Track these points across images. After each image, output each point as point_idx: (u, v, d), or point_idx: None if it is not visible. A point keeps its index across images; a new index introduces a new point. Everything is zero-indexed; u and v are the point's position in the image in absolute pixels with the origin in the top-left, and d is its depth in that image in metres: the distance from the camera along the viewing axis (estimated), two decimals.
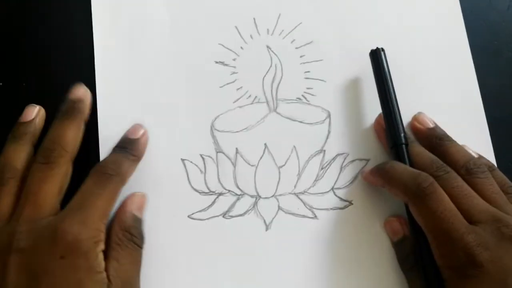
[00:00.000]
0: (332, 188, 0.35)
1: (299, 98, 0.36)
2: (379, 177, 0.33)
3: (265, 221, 0.34)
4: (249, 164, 0.35)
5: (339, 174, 0.35)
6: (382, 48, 0.35)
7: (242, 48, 0.37)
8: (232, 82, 0.36)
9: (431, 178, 0.30)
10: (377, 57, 0.35)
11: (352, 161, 0.35)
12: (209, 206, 0.34)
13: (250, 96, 0.36)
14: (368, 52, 0.36)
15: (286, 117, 0.36)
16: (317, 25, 0.38)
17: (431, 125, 0.35)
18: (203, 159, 0.35)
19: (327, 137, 0.36)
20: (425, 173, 0.30)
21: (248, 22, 0.38)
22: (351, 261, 0.33)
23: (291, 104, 0.36)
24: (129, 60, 0.37)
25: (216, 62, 0.37)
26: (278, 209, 0.34)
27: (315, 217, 0.34)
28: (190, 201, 0.34)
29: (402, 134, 0.33)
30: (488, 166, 0.32)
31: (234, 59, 0.37)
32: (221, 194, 0.34)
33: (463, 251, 0.27)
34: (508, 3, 0.40)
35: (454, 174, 0.31)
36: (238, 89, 0.36)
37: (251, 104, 0.36)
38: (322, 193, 0.35)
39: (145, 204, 0.33)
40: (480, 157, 0.34)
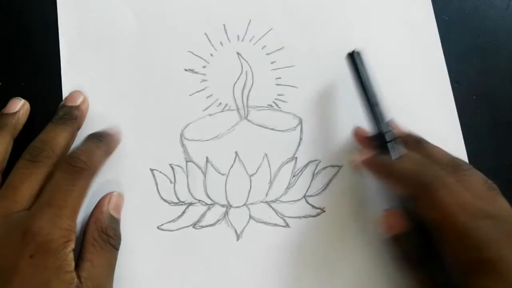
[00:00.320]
0: (304, 196, 0.34)
1: (270, 105, 0.36)
2: (377, 170, 0.32)
3: (236, 231, 0.33)
4: (220, 173, 0.34)
5: (311, 182, 0.35)
6: (358, 52, 0.35)
7: (212, 55, 0.37)
8: (202, 90, 0.36)
9: (442, 171, 0.29)
10: (355, 59, 0.34)
11: (324, 168, 0.35)
12: (179, 217, 0.33)
13: (221, 104, 0.36)
14: (340, 57, 0.35)
15: (257, 125, 0.36)
16: (288, 31, 0.37)
17: (406, 130, 0.34)
18: (173, 169, 0.34)
19: (299, 144, 0.35)
20: (435, 166, 0.30)
21: (218, 29, 0.37)
22: (324, 269, 0.33)
23: (262, 111, 0.36)
24: (96, 68, 0.36)
25: (186, 70, 0.36)
26: (250, 218, 0.34)
27: (287, 226, 0.34)
28: (159, 212, 0.33)
29: (390, 131, 0.32)
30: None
31: (204, 67, 0.36)
32: (191, 204, 0.34)
33: (475, 247, 0.27)
34: (508, 3, 0.40)
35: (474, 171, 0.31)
36: (208, 97, 0.36)
37: (222, 112, 0.36)
38: (294, 201, 0.34)
39: (122, 204, 0.33)
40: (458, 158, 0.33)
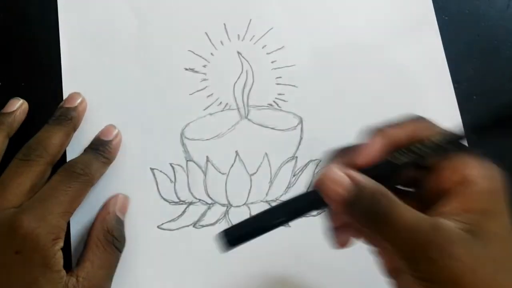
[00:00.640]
0: None
1: (271, 104, 0.36)
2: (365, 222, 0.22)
3: None
4: (220, 172, 0.34)
5: (312, 181, 0.35)
6: None
7: (213, 55, 0.37)
8: (203, 89, 0.36)
9: None
10: None
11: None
12: (179, 216, 0.33)
13: (221, 103, 0.36)
14: (341, 56, 0.36)
15: (258, 124, 0.35)
16: (288, 31, 0.37)
17: None
18: (173, 168, 0.34)
19: (299, 143, 0.35)
20: None
21: (219, 28, 0.37)
22: (324, 269, 0.33)
23: (263, 111, 0.36)
24: (96, 68, 0.36)
25: (186, 69, 0.36)
26: None
27: (287, 225, 0.34)
28: (160, 211, 0.33)
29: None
30: None
31: (205, 66, 0.36)
32: (192, 204, 0.34)
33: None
34: (508, 3, 0.40)
35: None
36: (209, 96, 0.36)
37: (222, 111, 0.36)
38: None
39: (128, 207, 0.33)
40: None
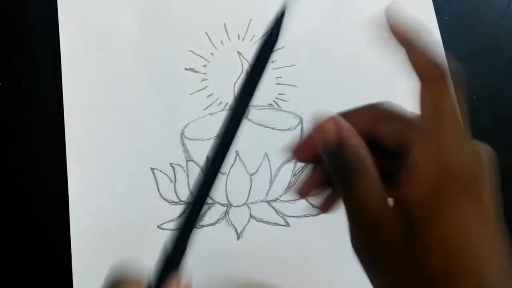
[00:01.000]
0: None
1: (271, 104, 0.36)
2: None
3: (237, 230, 0.33)
4: (220, 172, 0.34)
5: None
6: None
7: (213, 54, 0.37)
8: (203, 89, 0.36)
9: None
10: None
11: None
12: (179, 216, 0.33)
13: (221, 103, 0.36)
14: (342, 56, 0.36)
15: (258, 124, 0.36)
16: (289, 31, 0.37)
17: None
18: (173, 168, 0.34)
19: None
20: None
21: (219, 28, 0.37)
22: (324, 269, 0.33)
23: (263, 110, 0.36)
24: (96, 68, 0.36)
25: (186, 69, 0.36)
26: (250, 217, 0.34)
27: (287, 225, 0.34)
28: (160, 211, 0.33)
29: None
30: None
31: (205, 66, 0.36)
32: None
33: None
34: (508, 3, 0.40)
35: None
36: (209, 96, 0.36)
37: (222, 111, 0.36)
38: (295, 200, 0.34)
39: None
40: None
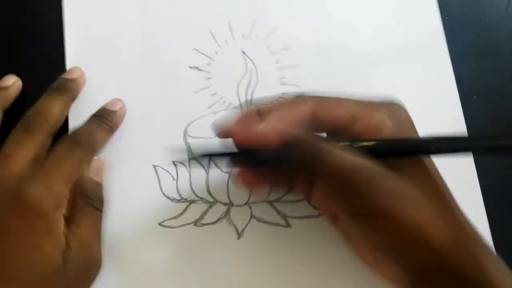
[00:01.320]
0: None
1: None
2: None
3: (237, 230, 0.33)
4: (223, 171, 0.34)
5: None
6: None
7: (217, 53, 0.37)
8: (207, 88, 0.36)
9: None
10: None
11: None
12: (181, 214, 0.33)
13: (225, 102, 0.36)
14: (345, 57, 0.36)
15: None
16: (293, 31, 0.37)
17: None
18: (176, 166, 0.34)
19: None
20: None
21: (223, 27, 0.37)
22: (325, 269, 0.33)
23: None
24: (101, 65, 0.36)
25: (190, 67, 0.36)
26: (251, 217, 0.34)
27: (288, 225, 0.34)
28: (161, 208, 0.33)
29: None
30: None
31: (209, 64, 0.36)
32: (193, 202, 0.34)
33: None
34: (508, 3, 0.40)
35: None
36: (213, 95, 0.36)
37: (226, 110, 0.36)
38: (296, 201, 0.34)
39: (103, 167, 0.33)
40: None
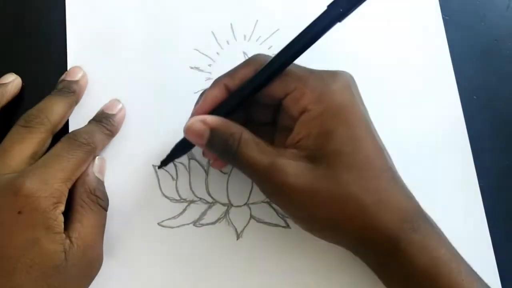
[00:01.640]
0: None
1: None
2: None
3: (237, 230, 0.33)
4: (222, 172, 0.34)
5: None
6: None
7: (218, 54, 0.37)
8: None
9: None
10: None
11: None
12: (180, 214, 0.33)
13: None
14: (347, 59, 0.36)
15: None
16: (295, 32, 0.37)
17: None
18: (175, 166, 0.34)
19: None
20: None
21: (225, 28, 0.37)
22: (324, 270, 0.33)
23: None
24: (102, 64, 0.36)
25: (191, 68, 0.36)
26: (250, 218, 0.34)
27: (288, 226, 0.34)
28: (161, 208, 0.33)
29: None
30: None
31: (210, 65, 0.37)
32: (193, 202, 0.34)
33: None
34: (508, 3, 0.40)
35: None
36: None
37: None
38: None
39: (105, 167, 0.33)
40: None
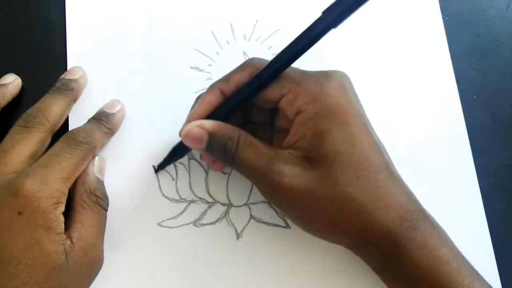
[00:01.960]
0: None
1: None
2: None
3: (236, 230, 0.33)
4: (222, 172, 0.34)
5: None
6: None
7: (218, 54, 0.37)
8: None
9: None
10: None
11: None
12: (180, 214, 0.33)
13: None
14: (347, 59, 0.36)
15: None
16: (294, 32, 0.37)
17: None
18: (175, 166, 0.34)
19: None
20: None
21: (225, 28, 0.37)
22: (324, 270, 0.33)
23: None
24: (102, 64, 0.36)
25: (191, 68, 0.36)
26: (250, 218, 0.34)
27: (287, 226, 0.34)
28: (161, 208, 0.33)
29: None
30: None
31: (210, 65, 0.37)
32: (192, 202, 0.34)
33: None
34: (508, 3, 0.40)
35: None
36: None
37: None
38: None
39: (105, 167, 0.33)
40: None
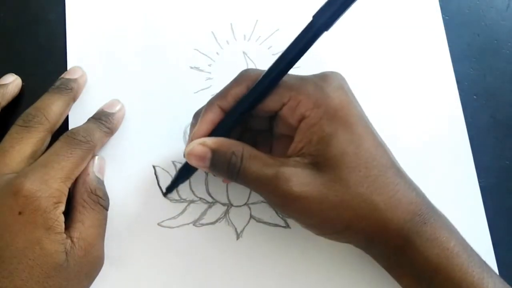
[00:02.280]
0: None
1: None
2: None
3: (236, 230, 0.33)
4: None
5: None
6: None
7: (218, 54, 0.37)
8: (207, 88, 0.36)
9: None
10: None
11: None
12: (180, 214, 0.33)
13: None
14: (346, 59, 0.36)
15: None
16: (294, 32, 0.37)
17: None
18: (175, 166, 0.34)
19: None
20: None
21: (225, 28, 0.37)
22: (324, 270, 0.33)
23: None
24: (102, 64, 0.36)
25: (191, 68, 0.36)
26: (250, 218, 0.34)
27: (287, 226, 0.34)
28: (160, 209, 0.33)
29: None
30: None
31: (210, 65, 0.37)
32: (192, 202, 0.34)
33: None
34: (507, 3, 0.40)
35: None
36: (213, 95, 0.36)
37: None
38: None
39: (105, 167, 0.33)
40: None
